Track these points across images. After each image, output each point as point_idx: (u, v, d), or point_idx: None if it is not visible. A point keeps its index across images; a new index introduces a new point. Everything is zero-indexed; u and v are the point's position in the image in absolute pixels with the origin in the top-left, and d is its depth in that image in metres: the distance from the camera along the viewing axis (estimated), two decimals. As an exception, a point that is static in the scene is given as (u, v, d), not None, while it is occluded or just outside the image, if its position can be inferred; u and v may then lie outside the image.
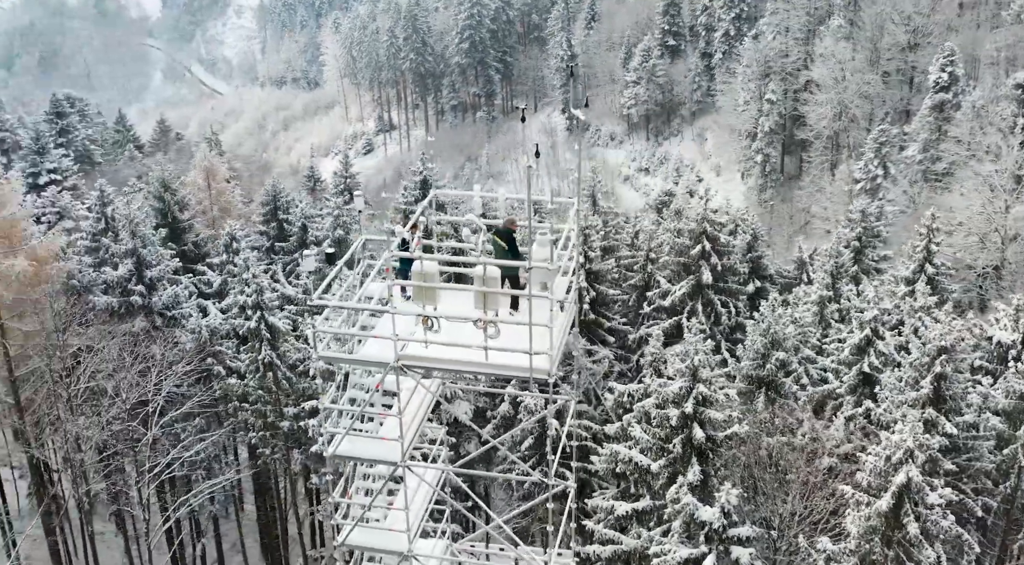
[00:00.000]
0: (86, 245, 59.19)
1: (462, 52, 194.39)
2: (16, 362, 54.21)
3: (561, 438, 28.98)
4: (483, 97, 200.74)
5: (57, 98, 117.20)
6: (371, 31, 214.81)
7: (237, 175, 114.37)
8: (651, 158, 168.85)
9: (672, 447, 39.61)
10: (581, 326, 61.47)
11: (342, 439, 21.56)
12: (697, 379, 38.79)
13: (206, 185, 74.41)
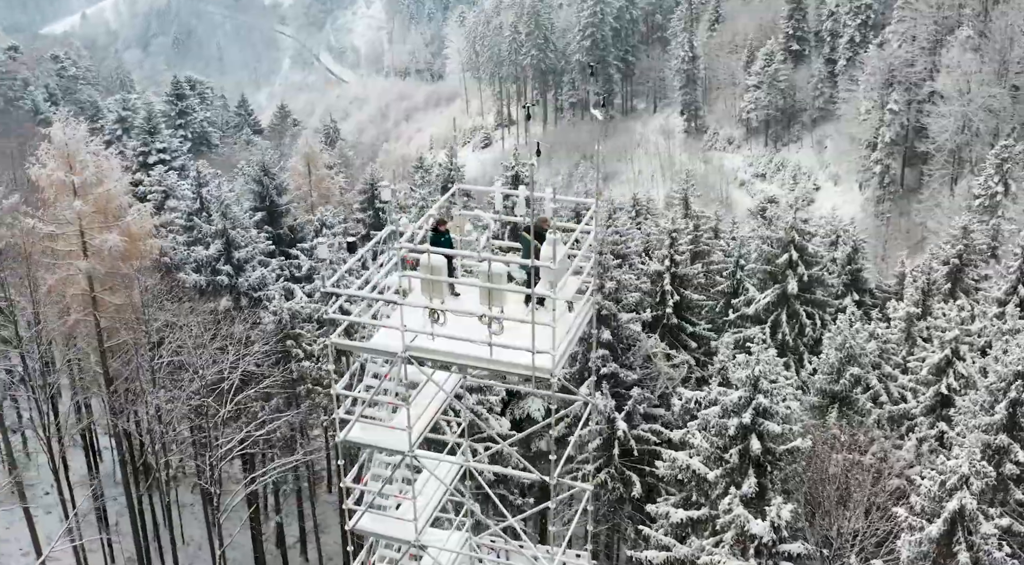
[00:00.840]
0: (181, 224, 60.71)
1: (583, 50, 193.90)
2: (107, 334, 55.96)
3: (573, 439, 28.22)
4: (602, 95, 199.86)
5: (178, 81, 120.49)
6: (494, 26, 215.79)
7: (347, 162, 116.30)
8: (768, 164, 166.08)
9: (729, 457, 38.96)
10: (663, 329, 60.93)
11: (352, 425, 21.71)
12: (758, 390, 38.07)
13: (306, 171, 75.65)
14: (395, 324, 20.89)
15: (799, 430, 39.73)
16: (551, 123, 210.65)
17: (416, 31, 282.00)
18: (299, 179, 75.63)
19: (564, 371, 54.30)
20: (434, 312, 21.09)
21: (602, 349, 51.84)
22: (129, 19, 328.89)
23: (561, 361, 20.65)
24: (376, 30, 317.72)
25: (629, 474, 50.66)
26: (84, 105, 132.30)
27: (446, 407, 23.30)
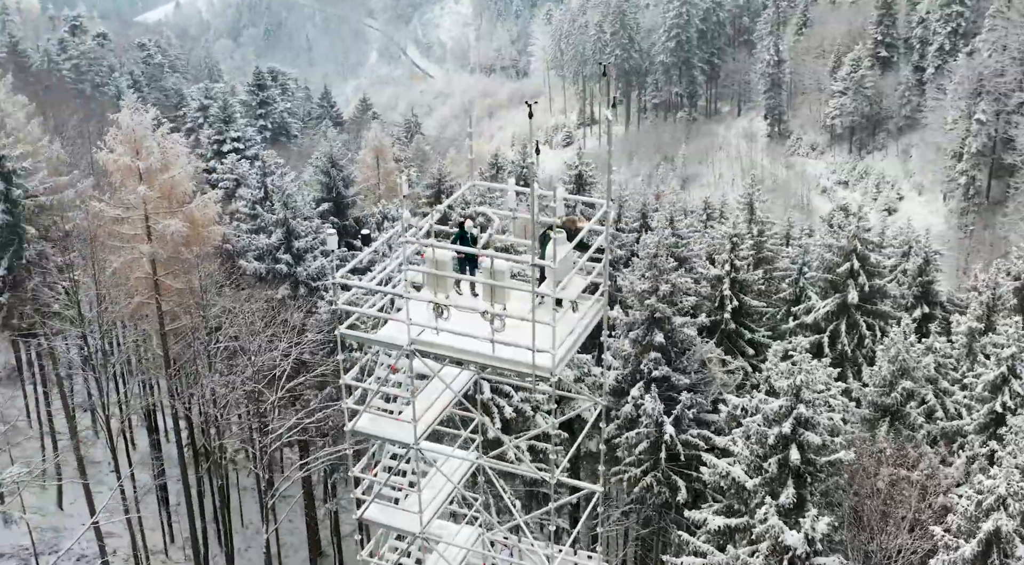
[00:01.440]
0: (246, 212, 61.59)
1: (668, 50, 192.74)
2: (169, 317, 57.04)
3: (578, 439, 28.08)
4: (685, 97, 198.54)
5: (260, 71, 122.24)
6: (580, 24, 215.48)
7: (424, 157, 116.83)
8: (851, 172, 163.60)
9: (768, 466, 38.45)
10: (721, 335, 60.36)
11: (360, 416, 21.89)
12: (800, 399, 37.52)
13: (375, 163, 76.25)
14: (404, 317, 21.04)
15: (841, 442, 39.09)
16: (633, 123, 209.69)
17: (503, 28, 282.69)
18: (367, 171, 76.28)
19: (617, 372, 54.36)
20: (438, 307, 21.20)
21: (655, 352, 51.50)
22: (221, 9, 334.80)
23: (563, 361, 20.57)
24: (463, 26, 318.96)
25: (675, 479, 50.25)
26: (168, 93, 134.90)
27: (465, 403, 23.24)
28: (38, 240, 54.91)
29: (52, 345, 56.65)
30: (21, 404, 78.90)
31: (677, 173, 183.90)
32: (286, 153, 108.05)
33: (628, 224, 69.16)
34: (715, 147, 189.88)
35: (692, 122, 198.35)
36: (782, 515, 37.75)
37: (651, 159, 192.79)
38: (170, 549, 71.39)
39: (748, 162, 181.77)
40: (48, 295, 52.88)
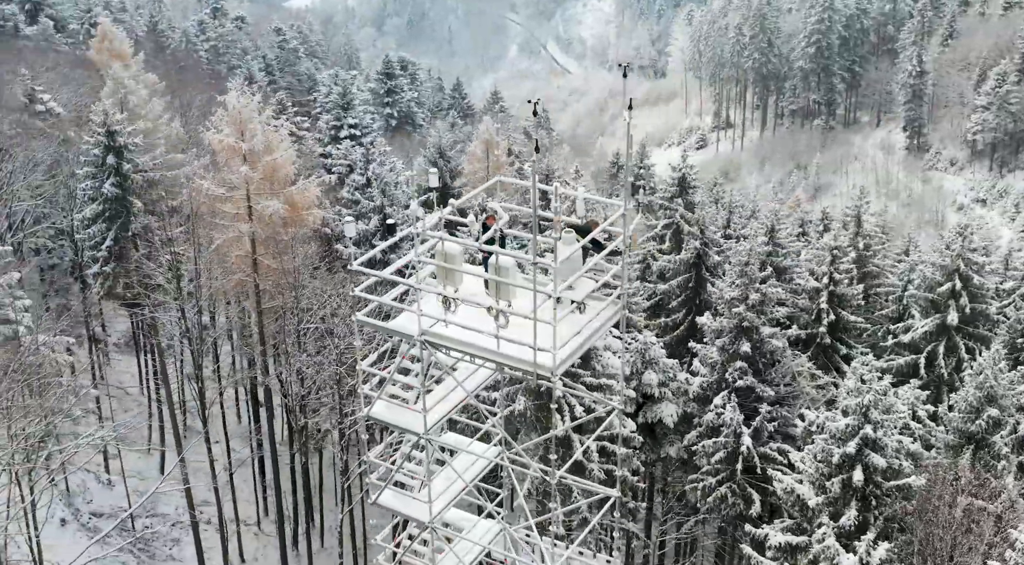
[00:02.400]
0: (348, 198, 62.61)
1: (807, 56, 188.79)
2: (266, 295, 58.39)
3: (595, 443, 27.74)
4: (823, 105, 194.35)
5: (389, 60, 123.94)
6: (719, 27, 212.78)
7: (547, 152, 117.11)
8: (990, 189, 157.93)
9: (830, 486, 37.47)
10: (816, 349, 59.03)
11: (375, 402, 22.11)
12: (867, 419, 36.45)
13: (484, 156, 76.69)
14: (419, 308, 21.20)
15: (910, 466, 37.84)
16: (769, 129, 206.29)
17: (643, 26, 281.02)
18: (476, 164, 76.73)
19: (703, 379, 53.63)
20: (446, 300, 21.31)
21: (740, 361, 50.68)
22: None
23: (567, 362, 20.42)
24: (604, 23, 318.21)
25: (751, 492, 49.38)
26: (301, 77, 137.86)
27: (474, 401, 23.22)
28: (144, 214, 56.73)
29: (154, 316, 58.51)
30: (135, 371, 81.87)
31: (810, 182, 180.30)
32: (408, 142, 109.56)
33: (735, 231, 68.06)
34: (850, 157, 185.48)
35: (828, 130, 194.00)
36: (842, 537, 36.81)
37: (784, 166, 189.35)
38: (263, 522, 73.07)
39: (883, 174, 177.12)
40: (150, 267, 54.59)
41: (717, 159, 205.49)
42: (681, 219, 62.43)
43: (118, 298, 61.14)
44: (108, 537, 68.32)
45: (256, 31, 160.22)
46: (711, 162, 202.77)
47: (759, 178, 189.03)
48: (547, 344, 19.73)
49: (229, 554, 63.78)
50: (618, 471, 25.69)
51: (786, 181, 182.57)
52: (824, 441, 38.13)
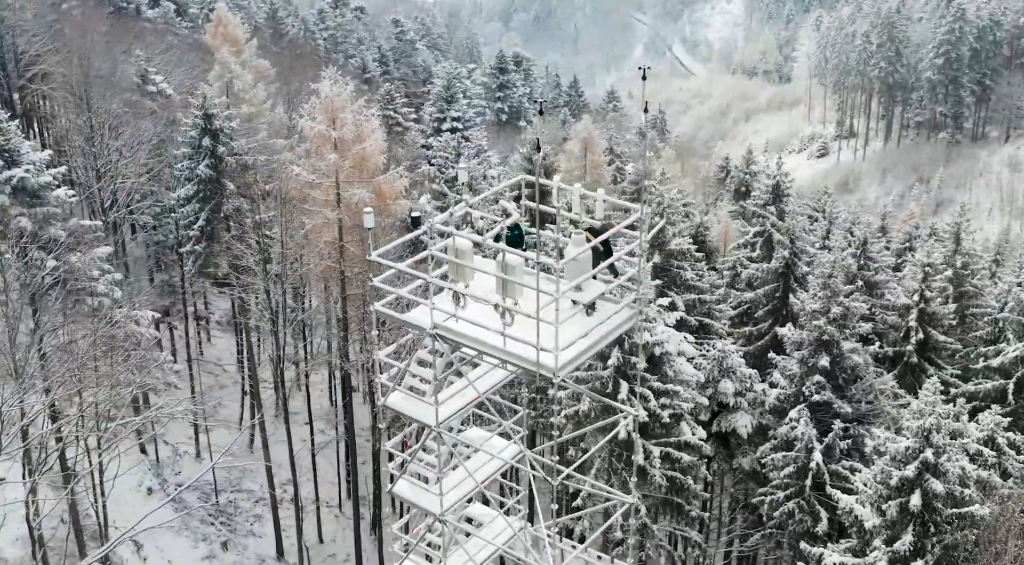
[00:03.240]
0: (437, 190, 63.05)
1: (935, 67, 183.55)
2: (352, 282, 59.19)
3: None
4: (950, 117, 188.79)
5: (503, 55, 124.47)
6: (847, 34, 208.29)
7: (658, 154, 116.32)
8: None
9: (887, 509, 36.47)
10: (903, 368, 57.46)
11: (391, 392, 22.34)
12: (929, 443, 35.37)
13: (582, 154, 76.52)
14: (438, 301, 21.40)
15: (978, 494, 36.59)
16: (893, 140, 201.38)
17: (771, 31, 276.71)
18: (573, 161, 76.56)
19: (782, 391, 52.67)
20: (456, 294, 21.43)
21: (818, 376, 49.68)
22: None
23: (571, 364, 20.30)
24: (732, 26, 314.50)
25: (818, 509, 48.37)
26: (417, 69, 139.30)
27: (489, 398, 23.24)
28: (237, 196, 58.00)
29: (242, 296, 59.83)
30: (235, 349, 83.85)
31: (931, 196, 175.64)
32: (516, 138, 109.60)
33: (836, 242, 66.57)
34: (975, 173, 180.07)
35: (954, 144, 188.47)
36: (897, 562, 35.82)
37: (906, 179, 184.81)
38: (344, 504, 74.19)
39: (1009, 192, 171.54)
40: (239, 249, 55.80)
41: (837, 169, 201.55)
42: (772, 227, 61.38)
43: (209, 277, 62.68)
44: (191, 509, 70.30)
45: (375, 22, 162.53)
46: (831, 171, 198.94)
47: (879, 190, 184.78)
48: (550, 344, 19.67)
49: (304, 533, 64.90)
50: (633, 479, 25.22)
51: (907, 194, 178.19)
52: (885, 462, 37.15)
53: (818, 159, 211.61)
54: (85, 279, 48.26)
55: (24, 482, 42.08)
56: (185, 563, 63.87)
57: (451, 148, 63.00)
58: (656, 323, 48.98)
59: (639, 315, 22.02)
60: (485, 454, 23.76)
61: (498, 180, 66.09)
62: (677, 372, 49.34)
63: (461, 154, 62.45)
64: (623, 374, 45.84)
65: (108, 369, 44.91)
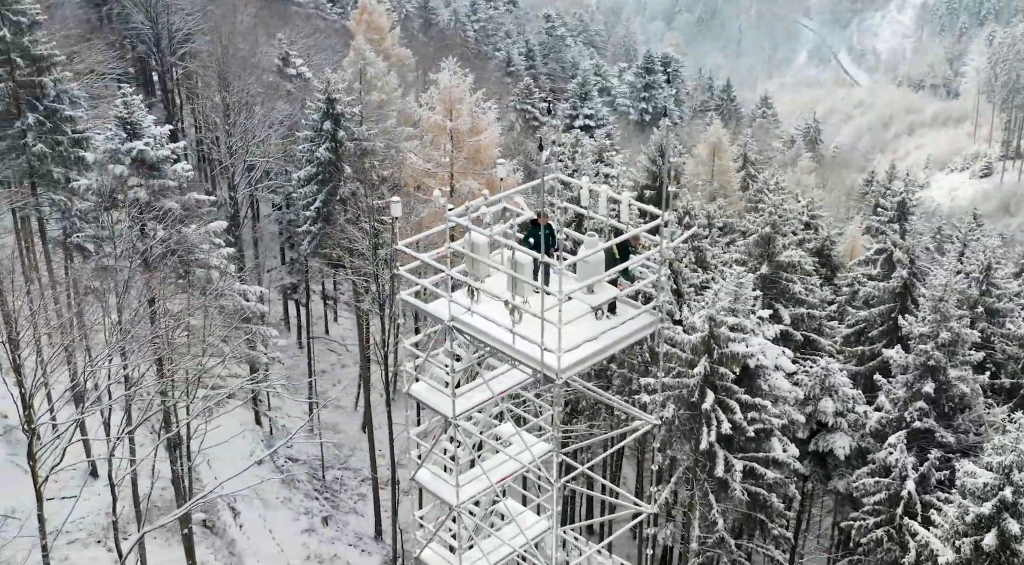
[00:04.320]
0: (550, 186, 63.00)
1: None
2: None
3: None
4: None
5: (650, 55, 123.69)
6: (1019, 51, 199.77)
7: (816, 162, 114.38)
8: None
9: (961, 545, 35.06)
10: (1021, 400, 55.05)
11: (412, 380, 22.60)
12: (1009, 481, 33.84)
13: (710, 160, 75.51)
14: (458, 295, 21.57)
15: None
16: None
17: (941, 44, 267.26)
18: (700, 166, 75.69)
19: (885, 415, 50.95)
20: (471, 289, 21.60)
21: (921, 402, 48.06)
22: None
23: (577, 366, 20.17)
24: (901, 37, 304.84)
25: (907, 538, 46.77)
26: (566, 65, 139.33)
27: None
28: (353, 180, 59.06)
29: (354, 279, 60.94)
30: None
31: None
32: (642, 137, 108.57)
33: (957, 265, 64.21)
34: None
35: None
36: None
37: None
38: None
39: None
40: (352, 232, 56.81)
41: (999, 190, 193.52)
42: (893, 245, 59.52)
43: (325, 258, 64.06)
44: (298, 482, 72.10)
45: (527, 16, 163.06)
46: (993, 192, 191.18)
47: (1011, 221, 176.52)
48: (564, 345, 19.64)
49: (399, 516, 65.89)
50: (652, 488, 24.87)
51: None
52: (961, 498, 35.76)
53: (981, 179, 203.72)
54: (197, 251, 49.91)
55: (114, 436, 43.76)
56: (285, 534, 65.37)
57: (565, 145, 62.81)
58: (753, 335, 48.06)
59: (660, 322, 21.67)
60: (514, 450, 23.75)
61: (618, 180, 65.92)
62: (772, 386, 48.35)
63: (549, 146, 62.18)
64: (711, 384, 45.15)
65: (203, 338, 46.30)
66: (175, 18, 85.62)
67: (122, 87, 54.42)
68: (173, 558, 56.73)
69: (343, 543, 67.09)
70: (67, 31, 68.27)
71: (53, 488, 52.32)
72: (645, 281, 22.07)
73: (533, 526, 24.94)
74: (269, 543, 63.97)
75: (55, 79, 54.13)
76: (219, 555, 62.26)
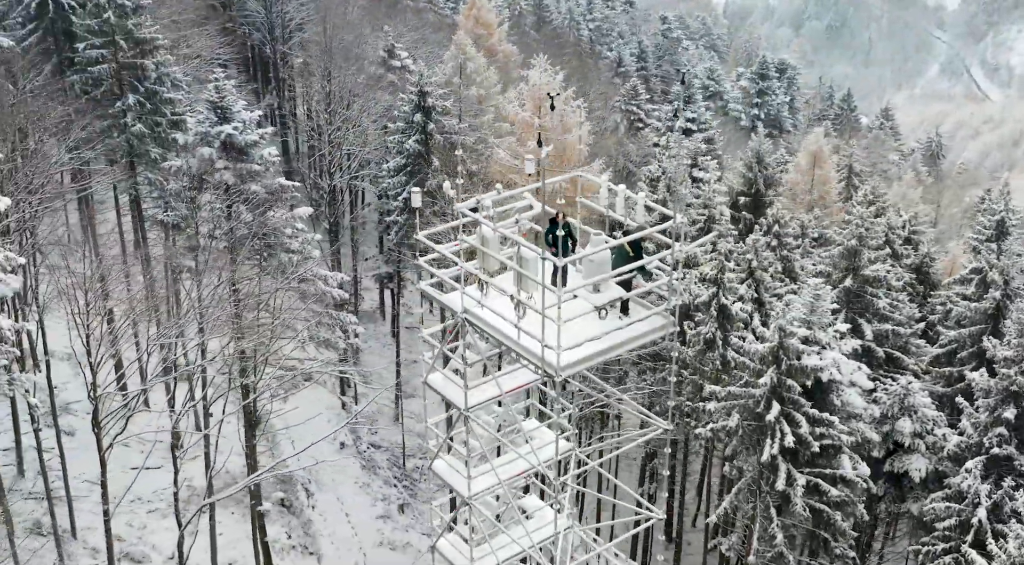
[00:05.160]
0: (640, 188, 62.76)
1: None
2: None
3: None
4: None
5: (765, 61, 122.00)
6: None
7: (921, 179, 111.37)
8: None
9: (1015, 575, 33.93)
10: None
11: (431, 370, 22.84)
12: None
13: (810, 169, 74.18)
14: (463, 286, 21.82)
15: None
16: None
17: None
18: (798, 175, 74.42)
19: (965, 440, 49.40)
20: (480, 282, 21.71)
21: (1001, 428, 46.54)
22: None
23: (577, 364, 20.12)
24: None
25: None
26: (679, 67, 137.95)
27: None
28: (441, 173, 59.56)
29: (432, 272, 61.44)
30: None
31: None
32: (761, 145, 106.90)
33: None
34: None
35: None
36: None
37: None
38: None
39: None
40: (435, 224, 57.30)
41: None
42: (988, 266, 57.61)
43: (412, 249, 64.74)
44: (378, 469, 73.17)
45: (643, 16, 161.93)
46: None
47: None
48: (566, 342, 19.68)
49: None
50: (663, 493, 24.63)
51: None
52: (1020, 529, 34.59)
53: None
54: (280, 236, 50.99)
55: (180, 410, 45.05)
56: (361, 519, 66.42)
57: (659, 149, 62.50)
58: (829, 349, 47.11)
59: (672, 326, 21.47)
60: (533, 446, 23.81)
61: (708, 184, 65.21)
62: (845, 402, 47.36)
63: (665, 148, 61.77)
64: (778, 395, 44.44)
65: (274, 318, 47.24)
66: (289, 6, 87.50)
67: (224, 71, 55.94)
68: (247, 534, 58.26)
69: (417, 532, 67.87)
70: (179, 16, 70.27)
71: (138, 459, 54.28)
72: (656, 283, 21.91)
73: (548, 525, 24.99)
74: (344, 526, 65.05)
75: (157, 62, 55.80)
76: (294, 534, 63.57)
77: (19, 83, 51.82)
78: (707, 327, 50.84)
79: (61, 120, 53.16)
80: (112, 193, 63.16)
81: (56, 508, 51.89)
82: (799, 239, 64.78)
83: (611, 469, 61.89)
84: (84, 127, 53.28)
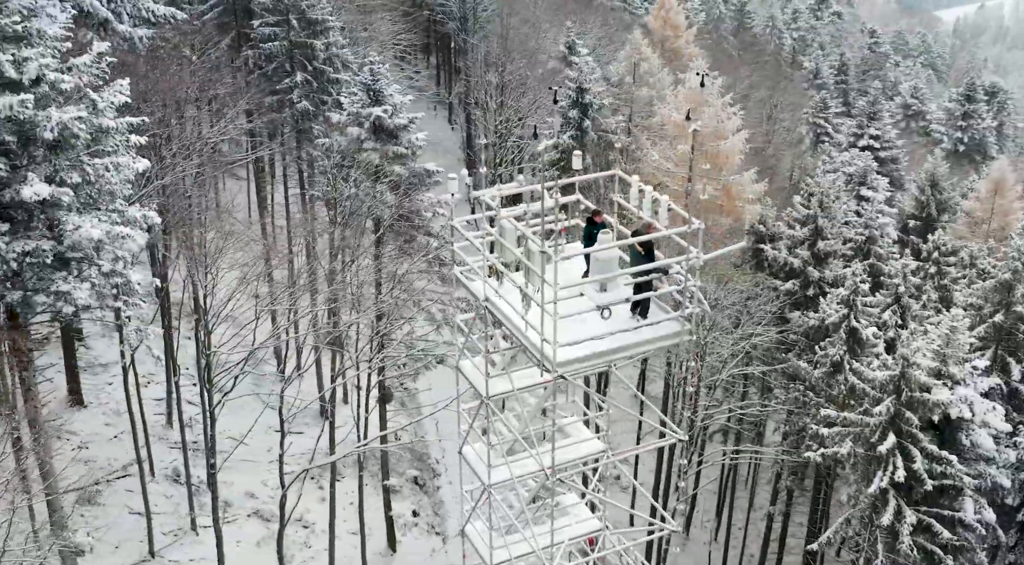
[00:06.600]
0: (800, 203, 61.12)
1: None
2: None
3: None
4: None
5: (973, 83, 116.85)
6: None
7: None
8: None
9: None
10: None
11: (460, 356, 23.16)
12: None
13: (990, 197, 70.80)
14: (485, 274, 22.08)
15: None
16: None
17: None
18: (977, 203, 71.13)
19: None
20: (495, 271, 21.83)
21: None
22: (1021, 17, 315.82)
23: (577, 362, 19.99)
24: None
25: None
26: (885, 83, 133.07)
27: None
28: (593, 170, 59.49)
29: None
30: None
31: None
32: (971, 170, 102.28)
33: None
34: None
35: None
36: None
37: None
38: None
39: None
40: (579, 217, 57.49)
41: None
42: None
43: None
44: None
45: (845, 30, 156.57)
46: None
47: None
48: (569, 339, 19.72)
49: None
50: (678, 505, 24.20)
51: None
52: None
53: None
54: (421, 219, 52.21)
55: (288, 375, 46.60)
56: (494, 503, 67.11)
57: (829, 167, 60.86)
58: (964, 385, 44.92)
59: (687, 334, 21.07)
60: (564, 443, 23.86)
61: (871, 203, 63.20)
62: (974, 443, 45.10)
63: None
64: (895, 426, 42.70)
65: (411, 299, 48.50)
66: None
67: (410, 60, 57.70)
68: (377, 505, 59.78)
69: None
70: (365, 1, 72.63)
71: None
72: (668, 289, 21.61)
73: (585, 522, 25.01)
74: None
75: (327, 43, 57.85)
76: (424, 512, 64.82)
77: (193, 55, 54.71)
78: (835, 349, 49.33)
79: (233, 90, 55.73)
80: (277, 164, 65.65)
81: (196, 459, 54.49)
82: (966, 269, 61.91)
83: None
84: (252, 101, 55.72)
